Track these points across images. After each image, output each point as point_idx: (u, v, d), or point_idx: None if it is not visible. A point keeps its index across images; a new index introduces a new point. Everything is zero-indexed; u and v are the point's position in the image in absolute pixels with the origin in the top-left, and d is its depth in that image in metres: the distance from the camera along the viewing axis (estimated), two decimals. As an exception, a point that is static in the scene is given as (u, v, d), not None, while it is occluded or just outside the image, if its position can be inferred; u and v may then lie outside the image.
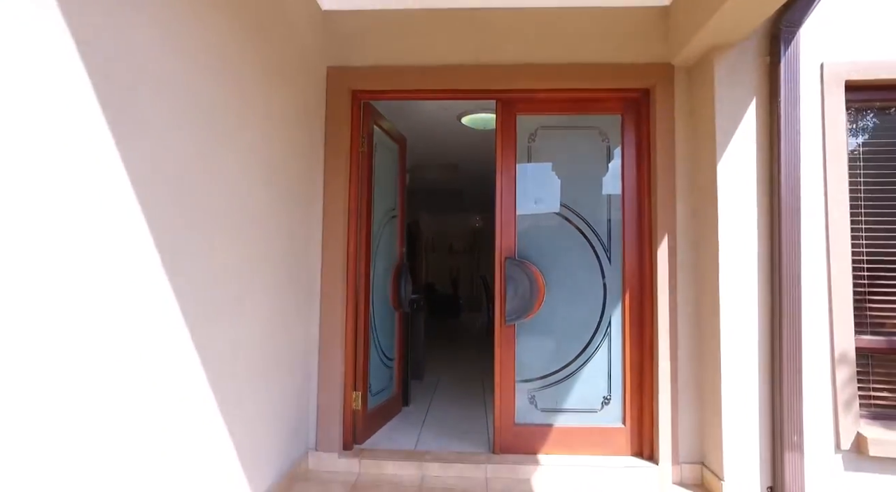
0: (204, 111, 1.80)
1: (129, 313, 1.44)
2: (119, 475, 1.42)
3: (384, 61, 3.09)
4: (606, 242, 3.09)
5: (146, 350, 1.52)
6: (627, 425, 2.98)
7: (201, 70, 1.78)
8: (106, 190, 1.35)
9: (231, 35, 1.98)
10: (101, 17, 1.32)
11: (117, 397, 1.41)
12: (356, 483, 2.73)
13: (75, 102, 1.25)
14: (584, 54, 3.02)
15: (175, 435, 1.66)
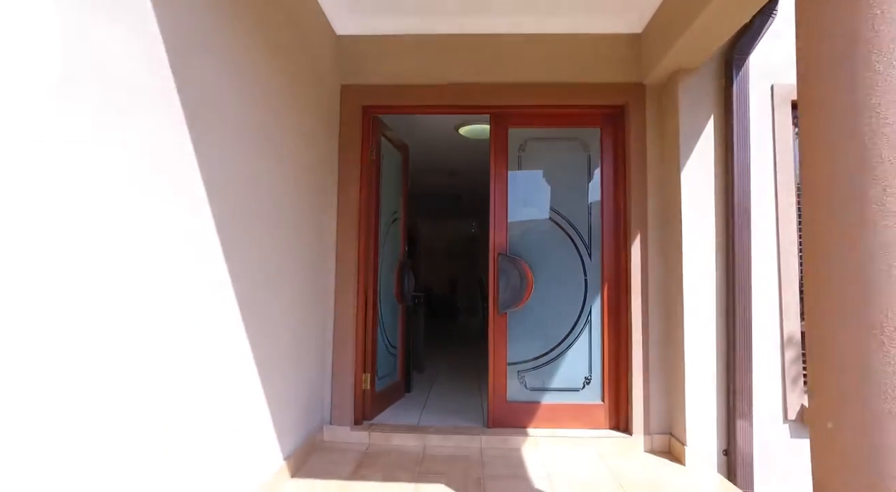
0: (249, 130, 2.21)
1: (205, 284, 1.84)
2: (202, 412, 1.82)
3: (392, 80, 3.52)
4: (587, 241, 3.51)
5: (215, 314, 1.92)
6: (605, 402, 3.39)
7: (247, 96, 2.19)
8: (188, 186, 1.76)
9: (268, 65, 2.40)
10: (190, 60, 1.73)
11: (202, 341, 1.81)
12: (367, 451, 3.13)
13: (175, 122, 1.66)
14: (567, 74, 3.46)
15: (233, 392, 2.06)
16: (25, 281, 1.16)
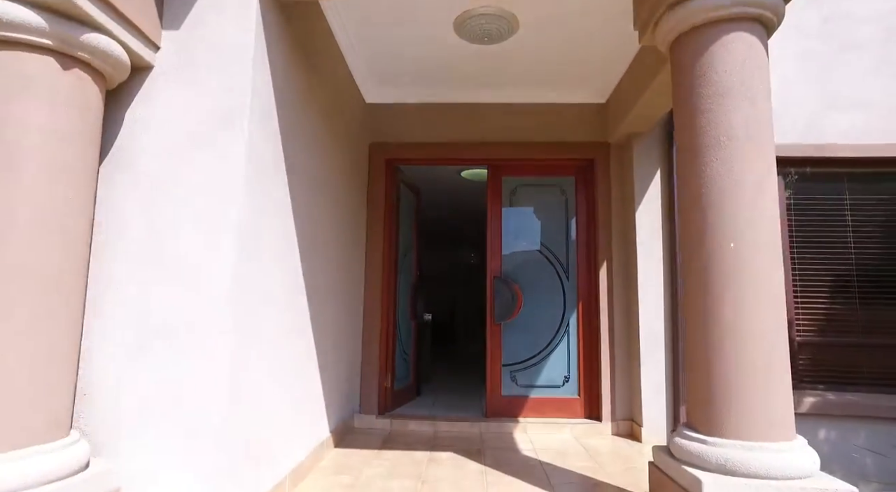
0: (316, 181, 3.13)
1: (296, 290, 2.72)
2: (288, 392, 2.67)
3: (409, 139, 4.48)
4: (566, 266, 4.41)
5: (300, 313, 2.79)
6: (581, 396, 4.22)
7: (316, 159, 3.12)
8: (286, 220, 2.66)
9: (326, 132, 3.34)
10: (288, 144, 2.65)
11: (296, 337, 2.67)
12: (390, 433, 3.95)
13: (282, 184, 2.56)
14: (548, 135, 4.42)
15: (307, 375, 2.92)
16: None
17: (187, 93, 2.17)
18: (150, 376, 2.00)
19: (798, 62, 4.27)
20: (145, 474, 1.96)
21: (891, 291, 4.10)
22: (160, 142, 2.14)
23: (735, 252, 2.09)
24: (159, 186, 2.11)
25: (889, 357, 4.01)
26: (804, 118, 4.21)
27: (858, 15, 4.28)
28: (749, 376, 2.02)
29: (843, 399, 3.89)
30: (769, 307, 2.06)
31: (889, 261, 4.15)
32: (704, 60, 2.23)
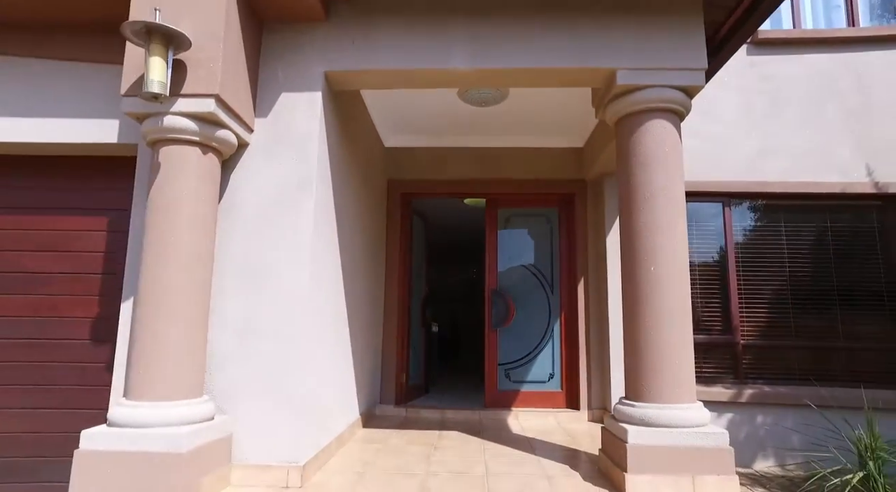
0: (352, 218, 4.09)
1: (341, 298, 3.66)
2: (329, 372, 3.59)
3: (420, 176, 5.45)
4: (550, 281, 5.35)
5: (342, 316, 3.72)
6: (563, 390, 5.14)
7: (352, 198, 4.07)
8: (335, 250, 3.60)
9: (359, 174, 4.30)
10: (334, 194, 3.60)
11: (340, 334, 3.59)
12: (405, 419, 4.86)
13: (332, 221, 3.51)
14: (536, 173, 5.38)
15: (346, 372, 3.84)
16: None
17: (272, 163, 3.13)
18: (248, 360, 2.94)
19: (740, 113, 5.24)
20: (246, 428, 2.88)
21: (818, 302, 5.02)
22: (253, 198, 3.10)
23: (654, 274, 3.03)
24: (253, 229, 3.07)
25: (814, 356, 4.93)
26: (745, 160, 5.17)
27: (787, 76, 5.27)
28: (663, 362, 2.94)
29: (777, 391, 4.80)
30: (678, 313, 2.99)
31: (817, 277, 5.09)
32: (635, 138, 3.19)
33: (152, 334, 2.61)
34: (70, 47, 3.29)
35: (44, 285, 3.30)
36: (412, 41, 3.23)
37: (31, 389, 3.22)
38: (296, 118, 3.18)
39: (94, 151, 3.33)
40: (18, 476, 3.14)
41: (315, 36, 3.25)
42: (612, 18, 3.20)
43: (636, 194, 3.14)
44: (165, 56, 2.55)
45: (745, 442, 4.75)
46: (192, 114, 2.71)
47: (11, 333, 3.25)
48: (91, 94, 3.26)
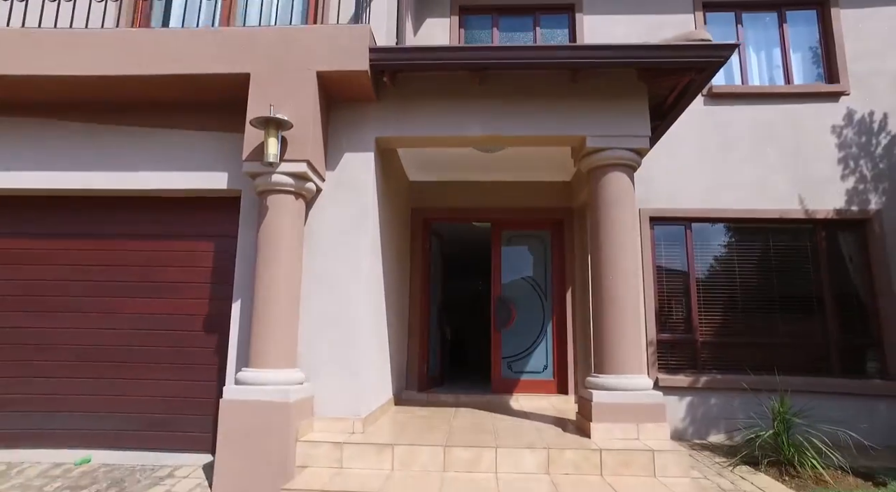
0: (388, 240, 5.34)
1: (374, 304, 4.89)
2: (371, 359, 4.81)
3: (439, 204, 6.71)
4: (545, 290, 6.58)
5: (365, 317, 4.95)
6: (555, 379, 6.34)
7: (387, 226, 5.33)
8: (378, 266, 4.85)
9: (392, 207, 5.56)
10: (379, 224, 4.86)
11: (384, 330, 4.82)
12: (427, 401, 6.07)
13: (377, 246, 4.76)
14: (533, 202, 6.64)
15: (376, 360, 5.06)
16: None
17: (338, 204, 4.40)
18: (324, 345, 4.18)
19: (699, 153, 6.49)
20: (324, 390, 4.12)
21: (761, 307, 6.23)
22: (325, 229, 4.37)
23: (611, 283, 4.26)
24: (325, 251, 4.33)
25: (757, 351, 6.11)
26: (702, 191, 6.40)
27: (737, 123, 6.52)
28: (617, 346, 4.16)
29: (726, 378, 5.97)
30: (630, 312, 4.22)
31: (760, 287, 6.30)
32: (601, 185, 4.44)
33: (265, 324, 3.87)
34: (191, 121, 4.59)
35: (173, 291, 4.57)
36: (439, 116, 4.52)
37: (174, 366, 4.46)
38: (355, 171, 4.46)
39: (209, 194, 4.61)
40: (166, 427, 4.37)
41: (368, 112, 4.55)
42: (583, 102, 4.48)
43: (601, 226, 4.39)
44: (277, 136, 3.84)
45: (702, 419, 5.94)
46: (290, 173, 4.00)
47: (154, 325, 4.52)
48: (207, 154, 4.55)
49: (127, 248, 4.67)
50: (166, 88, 4.41)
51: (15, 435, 4.35)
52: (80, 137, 4.59)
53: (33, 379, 4.47)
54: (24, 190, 4.60)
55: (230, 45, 4.23)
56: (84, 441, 4.32)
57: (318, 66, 4.13)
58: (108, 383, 4.45)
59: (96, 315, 4.57)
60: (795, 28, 6.89)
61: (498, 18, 7.23)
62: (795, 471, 4.52)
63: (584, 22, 6.97)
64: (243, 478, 3.60)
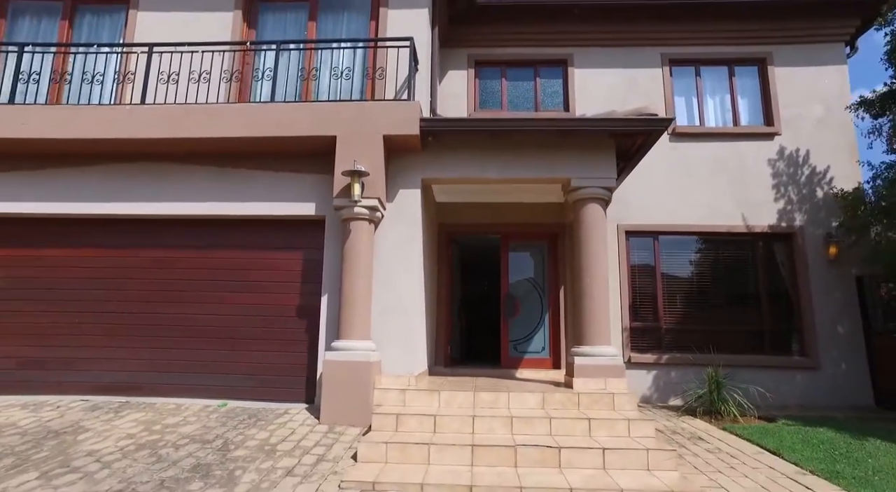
0: (426, 251, 7.20)
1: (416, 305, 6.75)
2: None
3: (459, 221, 8.59)
4: (543, 288, 8.47)
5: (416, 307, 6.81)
6: (550, 357, 8.23)
7: (426, 240, 7.19)
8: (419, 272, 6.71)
9: (428, 228, 7.41)
10: (423, 240, 6.72)
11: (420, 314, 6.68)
12: (451, 373, 7.94)
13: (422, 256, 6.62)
14: (533, 219, 8.52)
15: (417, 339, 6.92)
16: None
17: (395, 227, 6.28)
18: (387, 325, 6.06)
19: (665, 180, 8.36)
20: (387, 357, 6.00)
21: (713, 301, 8.11)
22: (387, 245, 6.25)
23: (588, 283, 6.14)
24: (387, 260, 6.21)
25: (709, 335, 7.98)
26: (668, 210, 8.28)
27: (695, 156, 8.40)
28: (592, 327, 6.04)
29: (684, 356, 7.84)
30: (600, 303, 6.10)
31: (712, 285, 8.18)
32: (581, 213, 6.32)
33: (351, 309, 5.75)
34: (288, 166, 6.47)
35: (274, 288, 6.45)
36: (466, 163, 6.40)
37: (271, 345, 6.34)
38: (407, 203, 6.34)
39: (300, 218, 6.49)
40: (272, 385, 6.25)
41: (416, 160, 6.42)
42: (569, 153, 6.35)
43: (581, 243, 6.27)
44: (360, 182, 5.72)
45: (664, 388, 7.82)
46: (366, 206, 5.88)
47: (261, 312, 6.40)
48: (300, 190, 6.43)
49: (240, 256, 6.56)
50: (272, 145, 6.29)
51: (177, 387, 6.25)
52: (212, 177, 6.48)
53: (187, 350, 6.37)
54: (171, 215, 6.50)
55: (321, 116, 6.12)
56: (220, 394, 6.21)
57: (384, 132, 6.02)
58: (232, 353, 6.34)
59: (219, 306, 6.46)
60: (742, 80, 8.79)
61: (506, 69, 9.14)
62: (721, 417, 6.43)
63: (574, 74, 8.87)
64: (340, 412, 5.48)
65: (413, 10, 7.01)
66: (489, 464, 4.47)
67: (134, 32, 7.23)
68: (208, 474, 4.11)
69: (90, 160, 6.55)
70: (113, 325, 6.47)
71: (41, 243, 6.63)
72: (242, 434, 5.04)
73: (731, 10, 8.57)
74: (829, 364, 7.70)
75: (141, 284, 6.56)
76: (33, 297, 6.55)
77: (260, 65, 7.11)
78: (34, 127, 6.23)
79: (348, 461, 4.50)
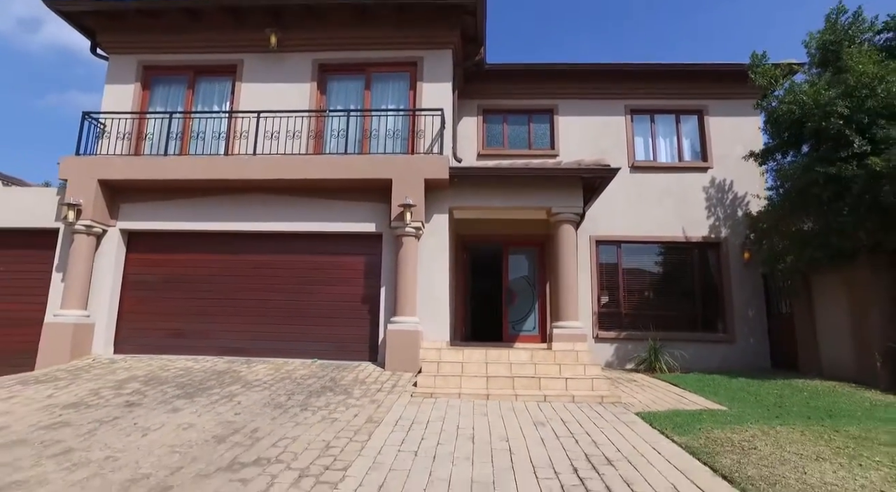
0: (450, 257, 10.23)
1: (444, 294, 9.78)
2: (445, 315, 9.70)
3: (470, 232, 11.64)
4: (534, 283, 11.53)
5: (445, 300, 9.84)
6: (539, 334, 11.31)
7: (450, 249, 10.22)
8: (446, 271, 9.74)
9: (451, 240, 10.45)
10: (448, 248, 9.75)
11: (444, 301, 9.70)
12: (466, 346, 11.00)
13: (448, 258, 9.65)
14: (526, 230, 11.56)
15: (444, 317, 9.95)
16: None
17: (431, 240, 9.34)
18: (426, 308, 9.11)
19: (625, 201, 11.43)
20: (426, 329, 9.05)
21: (660, 293, 11.20)
22: (425, 253, 9.30)
23: (563, 279, 9.20)
24: (425, 264, 9.27)
25: (657, 318, 11.04)
26: (627, 224, 11.36)
27: (649, 184, 11.47)
28: (566, 308, 9.10)
29: (638, 333, 10.91)
30: (571, 292, 9.16)
31: (660, 281, 11.26)
32: (558, 231, 9.39)
33: (403, 296, 8.80)
34: (354, 197, 9.50)
35: (345, 282, 9.50)
36: (479, 196, 9.46)
37: (344, 322, 9.39)
38: (439, 224, 9.40)
39: (363, 233, 9.53)
40: (342, 350, 9.30)
41: (445, 194, 9.47)
42: (551, 190, 9.40)
43: (559, 254, 9.33)
44: (410, 211, 8.76)
45: (624, 356, 10.89)
46: (414, 227, 8.93)
47: (337, 299, 9.45)
48: (363, 214, 9.47)
49: (322, 260, 9.62)
50: (343, 183, 9.33)
51: (280, 351, 9.29)
52: (301, 204, 9.53)
53: (286, 326, 9.42)
54: (274, 231, 9.56)
55: (380, 165, 9.16)
56: (310, 355, 9.25)
57: (425, 176, 9.06)
58: (318, 328, 9.39)
59: (308, 295, 9.52)
60: (685, 126, 11.87)
61: (506, 116, 12.20)
62: (655, 372, 9.52)
63: (559, 120, 11.92)
64: (398, 363, 8.53)
65: (441, 84, 10.07)
66: (497, 387, 7.55)
67: (240, 98, 10.27)
68: (332, 390, 7.16)
69: (219, 193, 9.60)
70: (233, 307, 9.53)
71: (185, 250, 9.70)
72: (339, 375, 8.10)
73: (677, 74, 11.63)
74: (742, 338, 10.78)
75: (253, 280, 9.62)
76: (180, 287, 9.61)
77: (330, 126, 10.16)
78: (188, 170, 9.27)
79: (411, 387, 7.56)
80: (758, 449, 4.63)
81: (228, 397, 6.63)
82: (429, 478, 4.09)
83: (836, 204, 7.95)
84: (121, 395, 6.61)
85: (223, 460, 4.42)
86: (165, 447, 4.73)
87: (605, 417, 6.17)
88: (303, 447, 4.78)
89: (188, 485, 3.90)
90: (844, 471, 4.05)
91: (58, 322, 8.81)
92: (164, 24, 10.35)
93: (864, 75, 7.48)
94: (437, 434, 5.32)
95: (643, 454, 4.70)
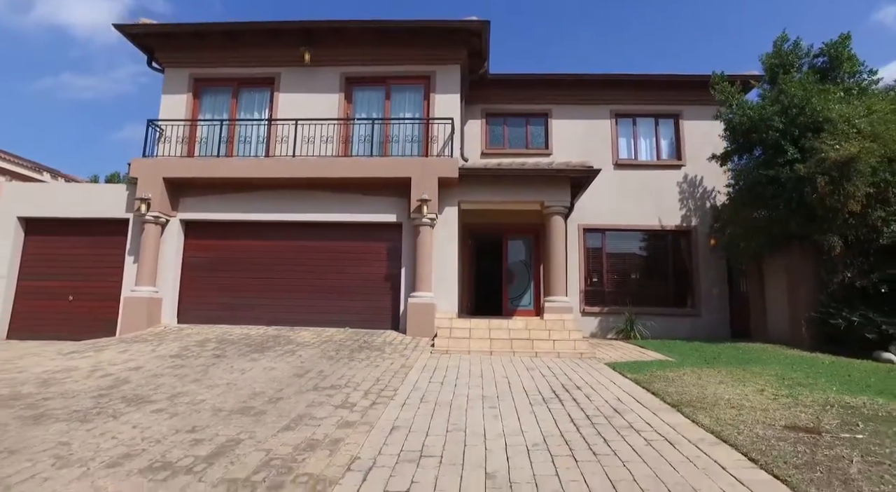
0: (459, 243, 12.22)
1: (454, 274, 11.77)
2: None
3: (475, 221, 13.62)
4: (530, 265, 13.54)
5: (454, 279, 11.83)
6: (534, 308, 13.34)
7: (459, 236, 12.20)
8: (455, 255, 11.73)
9: (459, 229, 12.41)
10: (456, 238, 11.71)
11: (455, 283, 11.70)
12: (471, 319, 13.04)
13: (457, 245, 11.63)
14: (523, 219, 13.53)
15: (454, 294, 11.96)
16: (453, 266, 11.27)
17: (442, 229, 11.32)
18: (439, 285, 11.11)
19: (610, 194, 13.41)
20: (439, 302, 11.07)
21: (640, 274, 13.23)
22: (438, 240, 11.29)
23: (555, 260, 11.20)
24: (438, 249, 11.26)
25: (636, 295, 13.07)
26: (612, 213, 13.35)
27: (630, 179, 13.44)
28: (555, 285, 11.11)
29: (619, 308, 12.97)
30: (560, 272, 11.17)
31: (640, 263, 13.29)
32: (550, 222, 11.37)
33: (420, 276, 10.81)
34: (377, 192, 11.45)
35: (370, 263, 11.50)
36: (483, 191, 11.42)
37: (369, 297, 11.41)
38: (450, 215, 11.38)
39: (386, 223, 11.50)
40: (368, 321, 11.33)
41: (455, 189, 11.43)
42: (545, 187, 11.37)
43: (550, 243, 11.32)
44: (426, 205, 10.73)
45: (606, 327, 12.94)
46: (429, 218, 10.90)
47: (365, 278, 11.46)
48: (386, 206, 11.43)
49: (351, 245, 11.60)
50: (368, 181, 11.27)
51: (317, 321, 11.31)
52: (333, 198, 11.49)
53: (321, 300, 11.43)
54: (310, 221, 11.54)
55: (400, 165, 11.11)
56: (342, 324, 11.27)
57: (439, 174, 11.00)
58: (348, 302, 11.41)
59: (339, 274, 11.52)
60: (663, 128, 13.79)
61: (507, 119, 14.10)
62: (629, 339, 11.58)
63: (552, 123, 13.83)
64: (417, 330, 10.57)
65: (450, 95, 11.97)
66: (498, 346, 9.59)
67: (277, 106, 12.16)
68: (368, 348, 9.18)
69: (262, 188, 11.55)
70: (275, 285, 11.53)
71: (234, 237, 11.70)
72: (370, 338, 10.13)
73: (657, 84, 13.53)
74: (707, 313, 12.83)
75: (291, 262, 11.62)
76: (229, 268, 11.62)
77: (357, 131, 12.08)
78: (237, 170, 11.21)
79: (430, 347, 9.59)
80: (682, 379, 6.68)
81: (290, 352, 8.65)
82: (453, 394, 6.13)
83: (775, 201, 9.91)
84: (206, 350, 8.65)
85: (308, 385, 6.46)
86: (263, 380, 6.75)
87: (581, 365, 8.23)
88: (361, 379, 6.82)
89: (293, 396, 5.94)
90: (730, 388, 6.11)
91: (135, 296, 10.83)
92: (210, 43, 12.20)
93: (795, 97, 9.40)
94: (455, 373, 7.37)
95: (603, 384, 6.74)
